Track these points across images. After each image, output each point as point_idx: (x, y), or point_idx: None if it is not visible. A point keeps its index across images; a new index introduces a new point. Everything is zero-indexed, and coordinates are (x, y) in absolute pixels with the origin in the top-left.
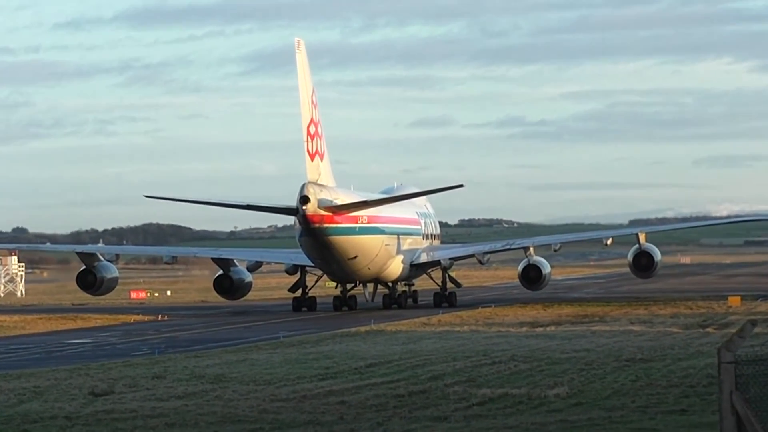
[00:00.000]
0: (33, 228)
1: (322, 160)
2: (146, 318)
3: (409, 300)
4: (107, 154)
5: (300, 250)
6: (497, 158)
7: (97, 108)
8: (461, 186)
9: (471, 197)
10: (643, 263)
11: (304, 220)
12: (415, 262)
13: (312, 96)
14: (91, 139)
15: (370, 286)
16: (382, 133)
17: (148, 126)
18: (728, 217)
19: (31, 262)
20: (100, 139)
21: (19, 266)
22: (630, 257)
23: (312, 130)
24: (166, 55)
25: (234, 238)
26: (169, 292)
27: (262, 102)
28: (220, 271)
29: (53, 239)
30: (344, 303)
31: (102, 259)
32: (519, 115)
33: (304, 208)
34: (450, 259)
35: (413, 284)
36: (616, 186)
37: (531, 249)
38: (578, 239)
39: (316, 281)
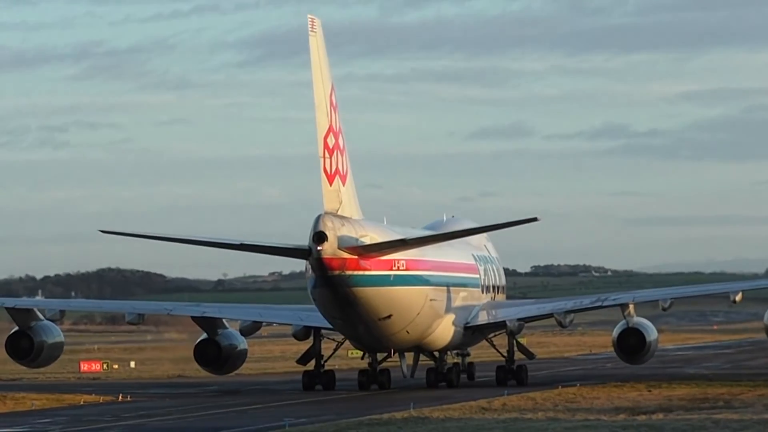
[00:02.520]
0: None
1: (344, 184)
2: (101, 399)
3: (463, 376)
4: (53, 173)
5: (313, 306)
6: (588, 182)
7: (42, 110)
8: (536, 219)
9: (549, 235)
10: None
11: (320, 265)
12: (471, 324)
13: (330, 95)
14: (32, 153)
15: (409, 357)
16: (431, 146)
17: (111, 135)
18: None
19: None
20: (44, 153)
21: None
22: None
23: (331, 142)
24: (138, 37)
25: (223, 289)
26: (133, 363)
27: (266, 103)
28: (204, 335)
29: None
30: (373, 379)
31: (41, 317)
32: (621, 123)
33: (319, 248)
34: (519, 320)
35: (468, 354)
36: (752, 221)
37: (631, 307)
38: (696, 294)
39: (336, 350)
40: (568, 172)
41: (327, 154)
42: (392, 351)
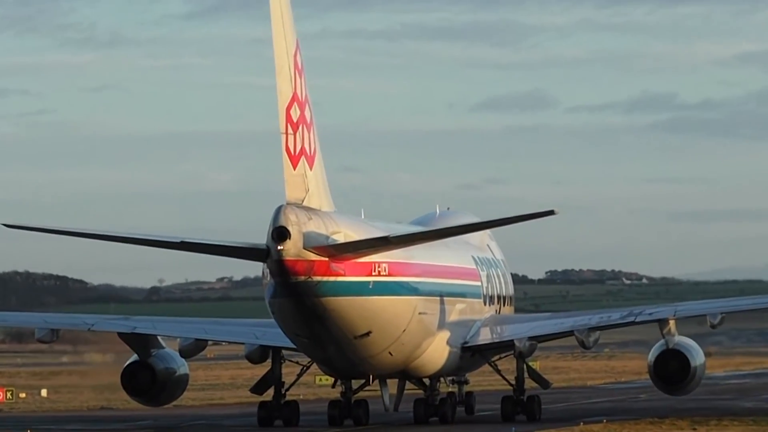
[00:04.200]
0: None
1: (311, 167)
2: None
3: (460, 408)
4: None
5: (271, 320)
6: (621, 166)
7: None
8: (552, 213)
9: (570, 233)
10: None
11: (281, 269)
12: (471, 344)
13: (295, 56)
14: None
15: (393, 385)
16: (424, 121)
17: (23, 105)
18: None
19: None
20: None
21: None
22: None
23: (295, 114)
24: None
25: (158, 299)
26: (44, 392)
27: (217, 66)
28: (134, 357)
29: None
30: (347, 413)
31: None
32: (664, 93)
33: (280, 248)
34: (530, 339)
35: (467, 382)
36: None
37: (671, 324)
38: (754, 307)
39: (300, 375)
40: (596, 154)
41: (290, 130)
42: (371, 378)
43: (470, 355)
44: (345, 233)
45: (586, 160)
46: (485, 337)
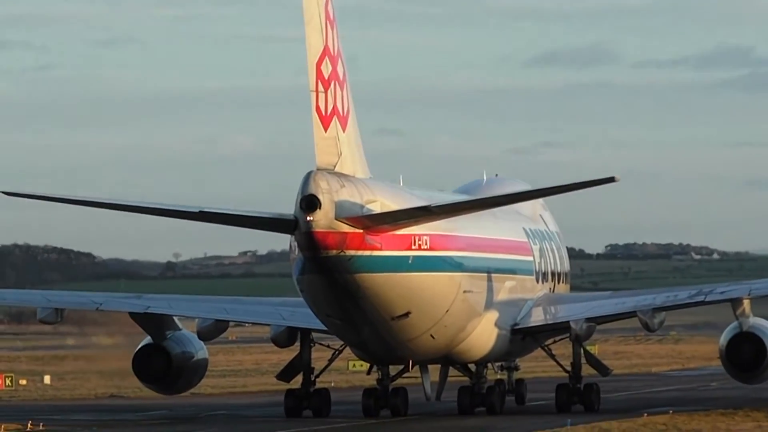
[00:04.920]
0: None
1: (344, 129)
2: (3, 428)
3: (509, 398)
4: None
5: (300, 299)
6: (692, 128)
7: None
8: (613, 180)
9: (633, 203)
10: None
11: (310, 242)
12: (522, 326)
13: (326, 5)
14: None
15: (435, 372)
16: (472, 78)
17: (22, 60)
18: None
19: None
20: None
21: None
22: None
23: (327, 70)
24: None
25: (174, 275)
26: (47, 379)
27: (236, 16)
28: (147, 339)
29: None
30: (384, 403)
31: None
32: (742, 46)
33: (309, 219)
34: (588, 320)
35: (517, 368)
36: None
37: (745, 304)
38: None
39: (331, 361)
40: (665, 115)
41: (321, 88)
42: (411, 363)
43: (521, 338)
44: (381, 202)
45: (652, 122)
46: (537, 318)
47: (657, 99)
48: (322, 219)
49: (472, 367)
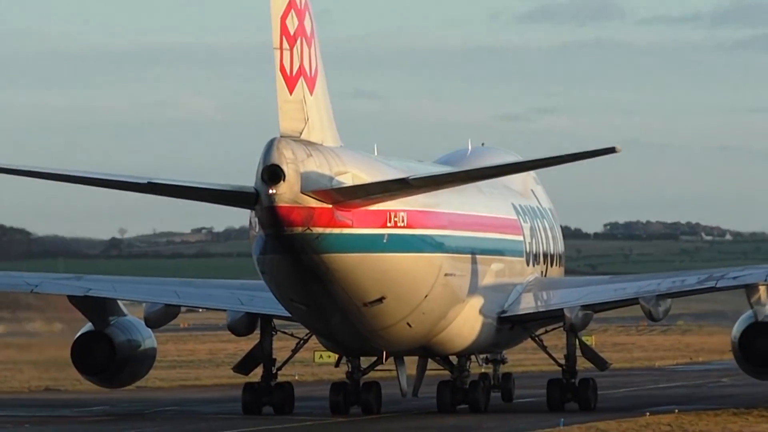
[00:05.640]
0: None
1: (312, 91)
2: None
3: (495, 394)
4: None
5: (260, 282)
6: (704, 92)
7: None
8: (614, 151)
9: (636, 177)
10: None
11: (273, 218)
12: (510, 314)
13: None
14: None
15: (411, 365)
16: (458, 35)
17: None
18: None
19: None
20: None
21: None
22: None
23: (293, 25)
24: None
25: (119, 254)
26: None
27: None
28: (88, 326)
29: None
30: (355, 399)
31: None
32: (761, 2)
33: (271, 192)
34: (584, 308)
35: (504, 360)
36: None
37: (761, 291)
38: None
39: (295, 351)
40: (674, 78)
41: (286, 45)
42: (385, 355)
43: (509, 327)
44: (353, 174)
45: (660, 86)
46: (528, 305)
47: (665, 60)
48: (286, 192)
49: (454, 359)
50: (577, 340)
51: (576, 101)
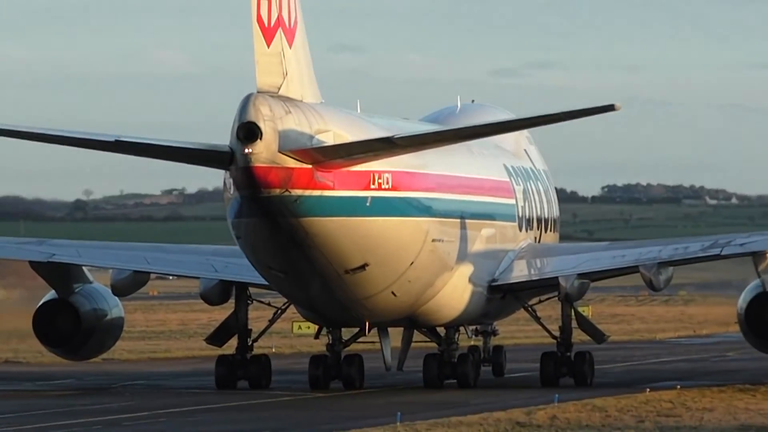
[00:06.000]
0: None
1: (291, 44)
2: None
3: (486, 367)
4: None
5: (235, 248)
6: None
7: None
8: (613, 109)
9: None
10: None
11: (249, 179)
12: (501, 283)
13: None
14: None
15: (396, 336)
16: None
17: None
18: None
19: None
20: None
21: None
22: None
23: None
24: None
25: (85, 217)
26: None
27: None
28: (51, 294)
29: None
30: (336, 372)
31: None
32: None
33: (247, 151)
34: (581, 276)
35: (495, 332)
36: None
37: None
38: None
39: (272, 321)
40: (679, 30)
41: None
42: (368, 326)
43: (500, 296)
44: (335, 132)
45: (664, 39)
46: (520, 273)
47: (670, 11)
48: (263, 151)
49: (441, 331)
50: (572, 311)
51: (573, 55)
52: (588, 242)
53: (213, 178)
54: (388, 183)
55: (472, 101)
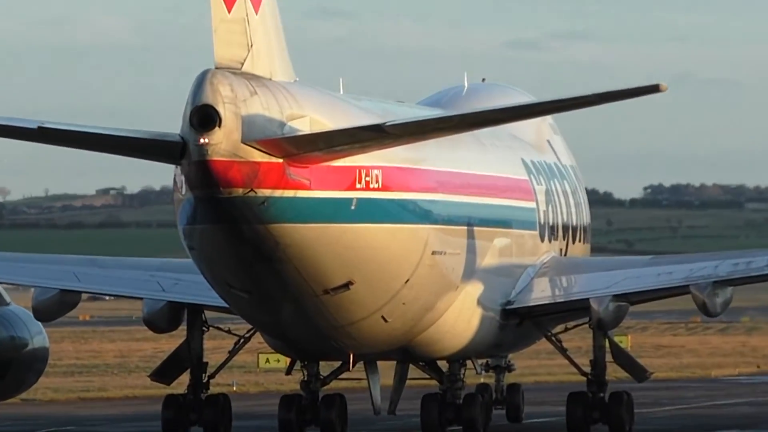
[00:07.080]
0: None
1: (257, 9)
2: None
3: (498, 410)
4: None
5: (188, 260)
6: None
7: None
8: (657, 90)
9: (686, 125)
10: None
11: (204, 175)
12: (518, 306)
13: None
14: None
15: (387, 372)
16: None
17: None
18: None
19: None
20: None
21: None
22: None
23: None
24: None
25: (1, 223)
26: None
27: None
28: None
29: None
30: (310, 416)
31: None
32: None
33: (203, 141)
34: (617, 298)
35: (510, 367)
36: None
37: None
38: None
39: (233, 352)
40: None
41: None
42: (352, 359)
43: (516, 323)
44: (312, 118)
45: (724, 5)
46: (542, 293)
47: None
48: (222, 141)
49: (443, 365)
50: (607, 341)
51: (609, 24)
52: (626, 256)
53: (160, 175)
54: (377, 182)
55: (483, 80)
